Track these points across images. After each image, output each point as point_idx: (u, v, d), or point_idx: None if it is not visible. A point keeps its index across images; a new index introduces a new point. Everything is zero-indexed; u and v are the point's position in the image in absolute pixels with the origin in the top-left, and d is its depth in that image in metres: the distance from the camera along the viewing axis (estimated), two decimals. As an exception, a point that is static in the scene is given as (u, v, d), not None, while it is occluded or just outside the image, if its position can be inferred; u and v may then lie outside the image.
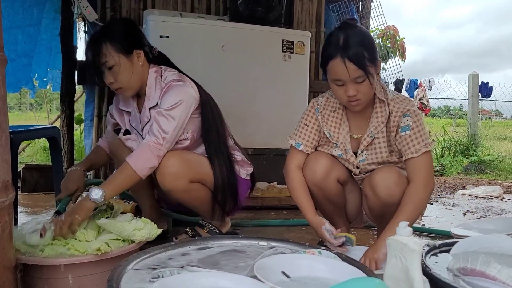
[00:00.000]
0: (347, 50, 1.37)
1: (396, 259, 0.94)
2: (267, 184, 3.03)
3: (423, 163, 1.43)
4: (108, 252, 1.21)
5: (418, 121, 1.47)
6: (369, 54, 1.40)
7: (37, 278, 1.19)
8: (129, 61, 1.63)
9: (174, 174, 1.56)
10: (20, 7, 3.12)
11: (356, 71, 1.38)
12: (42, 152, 5.00)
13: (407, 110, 1.47)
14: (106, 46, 1.58)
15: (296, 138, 1.61)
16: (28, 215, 2.39)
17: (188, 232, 1.79)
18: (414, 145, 1.44)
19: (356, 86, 1.41)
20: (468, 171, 5.11)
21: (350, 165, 1.59)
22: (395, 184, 1.44)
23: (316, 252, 1.19)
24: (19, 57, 3.15)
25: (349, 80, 1.40)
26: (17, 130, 1.83)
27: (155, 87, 1.67)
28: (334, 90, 1.48)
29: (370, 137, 1.53)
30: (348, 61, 1.37)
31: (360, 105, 1.47)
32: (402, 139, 1.47)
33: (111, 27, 1.69)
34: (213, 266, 1.10)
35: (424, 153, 1.43)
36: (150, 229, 1.34)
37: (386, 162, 1.54)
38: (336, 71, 1.40)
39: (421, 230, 2.15)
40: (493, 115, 11.88)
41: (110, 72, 1.61)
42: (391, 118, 1.50)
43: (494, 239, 1.20)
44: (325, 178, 1.55)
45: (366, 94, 1.44)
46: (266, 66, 3.05)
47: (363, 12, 3.89)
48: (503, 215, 2.74)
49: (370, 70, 1.40)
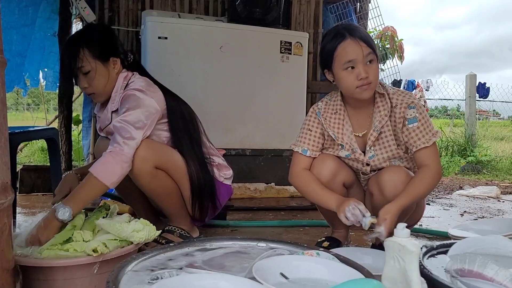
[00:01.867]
0: (355, 32, 1.46)
1: (394, 260, 0.95)
2: (265, 185, 3.03)
3: (434, 152, 1.49)
4: (105, 253, 1.21)
5: (423, 112, 1.51)
6: (372, 41, 1.48)
7: (36, 280, 1.19)
8: (105, 68, 1.65)
9: (141, 157, 1.55)
10: (16, 7, 3.12)
11: (367, 49, 1.44)
12: (40, 153, 5.00)
13: (411, 102, 1.51)
14: (83, 51, 1.60)
15: (301, 144, 1.60)
16: (26, 216, 2.38)
17: (159, 240, 1.69)
18: (424, 135, 1.48)
19: (367, 68, 1.44)
20: (466, 172, 5.13)
21: (359, 164, 1.59)
22: (402, 184, 1.45)
23: (315, 253, 1.19)
24: (13, 57, 3.15)
25: (362, 59, 1.43)
26: (15, 132, 1.83)
27: (119, 92, 1.67)
28: (344, 78, 1.47)
29: (376, 131, 1.53)
30: (359, 39, 1.44)
31: (370, 90, 1.47)
32: (410, 131, 1.49)
33: (89, 32, 1.70)
34: (218, 268, 1.10)
35: (433, 143, 1.48)
36: (149, 231, 1.34)
37: (396, 156, 1.55)
38: (348, 51, 1.44)
39: (419, 231, 2.15)
40: (490, 115, 11.92)
41: (85, 77, 1.63)
42: (396, 110, 1.51)
43: (492, 240, 1.21)
44: (331, 181, 1.55)
45: (375, 78, 1.47)
46: (264, 67, 3.05)
47: (361, 13, 3.90)
48: (500, 215, 2.75)
49: (377, 52, 1.47)
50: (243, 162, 3.01)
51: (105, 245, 1.23)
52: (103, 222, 1.31)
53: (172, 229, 1.76)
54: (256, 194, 2.98)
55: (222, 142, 2.85)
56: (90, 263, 1.20)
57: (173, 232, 1.75)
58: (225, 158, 1.96)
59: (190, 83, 2.88)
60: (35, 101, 7.79)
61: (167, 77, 2.65)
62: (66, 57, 1.62)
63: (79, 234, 1.27)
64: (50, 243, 1.24)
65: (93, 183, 1.41)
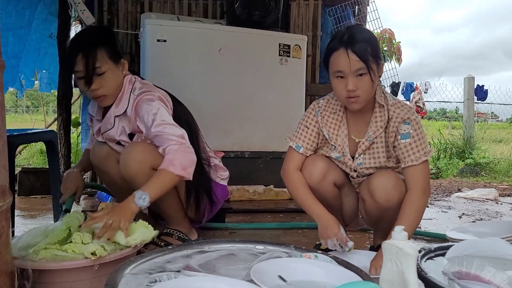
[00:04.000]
0: (351, 43, 1.40)
1: (392, 263, 0.95)
2: (263, 187, 3.04)
3: (422, 172, 1.44)
4: (104, 256, 1.21)
5: (419, 129, 1.47)
6: (373, 50, 1.42)
7: (34, 282, 1.18)
8: (117, 69, 1.65)
9: (138, 160, 1.56)
10: (13, 9, 3.11)
11: (357, 63, 1.39)
12: (39, 155, 4.99)
13: (407, 118, 1.48)
14: (101, 51, 1.58)
15: (296, 140, 1.61)
16: (25, 219, 2.38)
17: (158, 242, 1.71)
18: (414, 153, 1.44)
19: (357, 81, 1.41)
20: (464, 174, 5.14)
21: (347, 168, 1.59)
22: (393, 188, 1.46)
23: (313, 256, 1.20)
24: (8, 58, 3.14)
25: (350, 72, 1.40)
26: (14, 134, 1.83)
27: (125, 97, 1.67)
28: (334, 85, 1.47)
29: (369, 141, 1.53)
30: (351, 52, 1.39)
31: (358, 103, 1.45)
32: (401, 146, 1.47)
33: (104, 33, 1.69)
34: (216, 271, 1.11)
35: (423, 161, 1.44)
36: (143, 232, 1.33)
37: (383, 167, 1.55)
38: (338, 62, 1.42)
39: (417, 233, 2.15)
40: (488, 117, 11.95)
41: (99, 78, 1.59)
42: (390, 123, 1.50)
43: (489, 243, 1.21)
44: (322, 180, 1.55)
45: (365, 92, 1.43)
46: (262, 69, 3.06)
47: (359, 16, 3.90)
48: (498, 218, 2.76)
49: (372, 66, 1.41)
50: (242, 165, 3.01)
51: (104, 247, 1.23)
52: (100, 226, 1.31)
53: (170, 232, 1.76)
54: (255, 196, 2.99)
55: (221, 144, 2.86)
56: (89, 266, 1.19)
57: (172, 235, 1.76)
58: (224, 160, 1.97)
59: (189, 85, 2.88)
60: (34, 103, 7.79)
61: (166, 79, 2.66)
62: (81, 57, 1.56)
63: (78, 236, 1.26)
64: (46, 242, 1.23)
65: (170, 176, 1.46)
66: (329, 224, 1.44)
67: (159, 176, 1.46)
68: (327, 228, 1.44)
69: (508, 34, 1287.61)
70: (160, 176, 1.46)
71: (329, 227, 1.43)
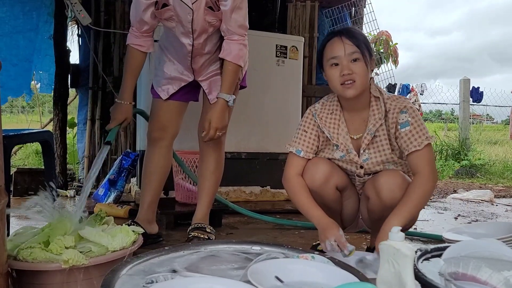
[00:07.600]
0: (345, 32, 1.51)
1: (389, 264, 0.95)
2: (260, 188, 3.03)
3: (427, 156, 1.46)
4: (79, 265, 1.16)
5: (416, 116, 1.50)
6: (365, 41, 1.51)
7: (29, 284, 1.18)
8: None
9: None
10: (20, 12, 3.09)
11: (351, 47, 1.47)
12: (34, 156, 4.96)
13: (403, 107, 1.50)
14: None
15: (295, 145, 1.61)
16: (20, 220, 2.37)
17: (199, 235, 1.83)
18: (416, 139, 1.47)
19: (351, 65, 1.46)
20: (459, 175, 5.16)
21: (353, 166, 1.59)
22: (399, 188, 1.46)
23: (310, 257, 1.20)
24: (20, 61, 3.12)
25: (344, 56, 1.46)
26: (9, 134, 1.82)
27: None
28: (329, 75, 1.51)
29: (370, 134, 1.53)
30: (345, 37, 1.48)
31: (353, 89, 1.47)
32: (402, 135, 1.49)
33: None
34: (211, 272, 1.10)
35: (426, 146, 1.46)
36: (122, 238, 1.30)
37: (390, 160, 1.55)
38: (332, 48, 1.49)
39: (413, 234, 2.16)
40: (484, 119, 12.01)
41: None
42: (389, 115, 1.52)
43: (485, 244, 1.21)
44: (324, 184, 1.55)
45: (361, 77, 1.47)
46: (259, 70, 3.06)
47: (356, 18, 3.92)
48: (493, 219, 2.77)
49: (365, 53, 1.48)
50: (239, 166, 3.00)
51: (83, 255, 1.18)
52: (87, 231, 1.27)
53: (202, 226, 1.89)
54: (252, 197, 2.98)
55: (217, 146, 2.85)
56: (86, 267, 1.18)
57: (204, 229, 1.88)
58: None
59: (186, 86, 2.87)
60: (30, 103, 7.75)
61: (163, 80, 2.65)
62: None
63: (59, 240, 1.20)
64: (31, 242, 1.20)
65: (235, 68, 1.75)
66: (328, 226, 1.44)
67: (233, 73, 1.74)
68: (326, 230, 1.44)
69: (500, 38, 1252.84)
70: (234, 74, 1.75)
71: (328, 229, 1.43)
